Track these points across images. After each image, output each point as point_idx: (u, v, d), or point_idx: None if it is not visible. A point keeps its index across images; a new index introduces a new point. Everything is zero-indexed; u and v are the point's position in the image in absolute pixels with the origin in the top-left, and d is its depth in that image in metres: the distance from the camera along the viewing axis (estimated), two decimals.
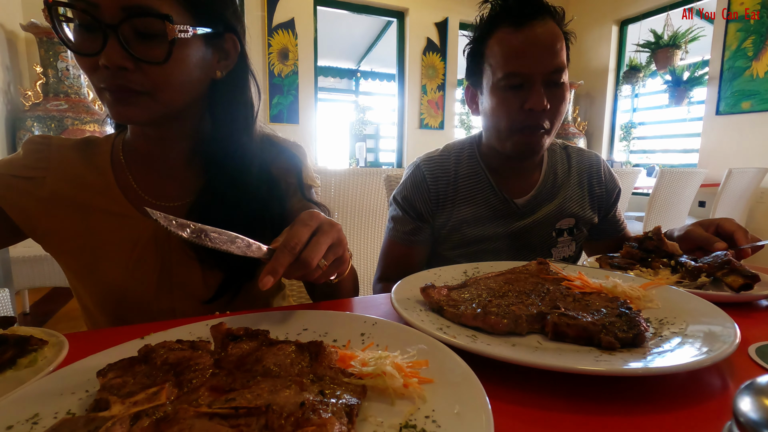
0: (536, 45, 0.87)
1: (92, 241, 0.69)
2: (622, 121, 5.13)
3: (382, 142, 5.75)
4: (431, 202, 1.01)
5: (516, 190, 1.02)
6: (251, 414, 0.30)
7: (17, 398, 0.36)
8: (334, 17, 4.98)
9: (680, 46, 4.12)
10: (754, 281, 0.65)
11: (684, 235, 0.88)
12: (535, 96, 0.87)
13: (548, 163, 1.06)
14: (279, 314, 0.55)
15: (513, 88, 0.89)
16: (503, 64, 0.89)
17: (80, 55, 0.59)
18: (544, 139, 0.93)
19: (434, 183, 1.01)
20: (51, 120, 2.92)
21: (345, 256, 0.58)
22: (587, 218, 1.06)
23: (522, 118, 0.90)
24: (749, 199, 3.36)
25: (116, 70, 0.58)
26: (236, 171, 0.72)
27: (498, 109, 0.93)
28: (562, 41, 0.89)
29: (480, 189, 1.01)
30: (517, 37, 0.87)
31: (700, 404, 0.39)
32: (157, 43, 0.58)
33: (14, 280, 1.96)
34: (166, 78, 0.61)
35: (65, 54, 3.03)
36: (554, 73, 0.88)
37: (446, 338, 0.46)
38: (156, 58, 0.59)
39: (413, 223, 1.02)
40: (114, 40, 0.56)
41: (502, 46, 0.90)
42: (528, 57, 0.87)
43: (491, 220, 1.00)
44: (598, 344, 0.47)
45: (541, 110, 0.88)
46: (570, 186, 1.06)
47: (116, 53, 0.57)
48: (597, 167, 1.09)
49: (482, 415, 0.32)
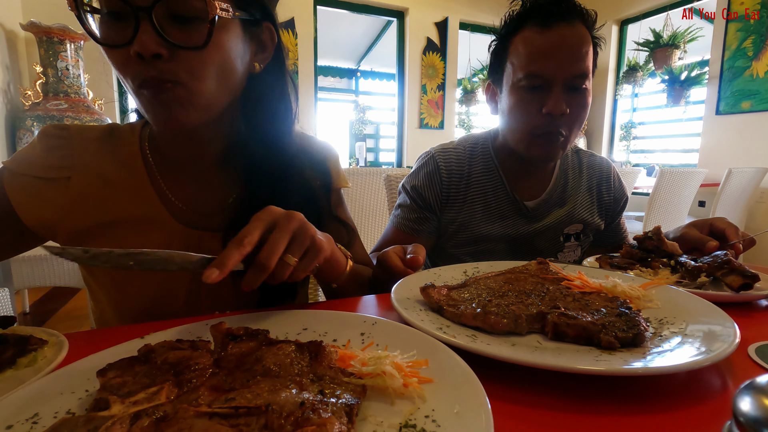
0: (561, 47, 0.85)
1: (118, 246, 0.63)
2: (622, 120, 5.13)
3: (382, 142, 5.75)
4: (442, 194, 1.00)
5: (527, 192, 1.01)
6: (251, 414, 0.30)
7: (17, 398, 0.36)
8: (334, 17, 4.98)
9: (679, 45, 4.12)
10: (753, 281, 0.65)
11: (679, 238, 0.88)
12: (554, 99, 0.85)
13: (560, 167, 1.05)
14: (279, 314, 0.55)
15: (533, 89, 0.87)
16: (525, 63, 0.87)
17: (109, 47, 0.53)
18: (560, 147, 0.91)
19: (448, 175, 1.00)
20: (51, 119, 2.92)
21: (318, 245, 0.53)
22: (595, 224, 1.06)
23: (540, 122, 0.88)
24: (749, 199, 3.36)
25: (150, 59, 0.52)
26: (277, 176, 0.67)
27: (515, 109, 0.91)
28: (588, 46, 0.87)
29: (492, 187, 1.00)
30: (543, 38, 0.86)
31: (699, 404, 0.39)
32: (194, 27, 0.53)
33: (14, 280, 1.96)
34: (204, 66, 0.55)
35: (65, 53, 3.03)
36: (576, 78, 0.86)
37: (446, 338, 0.46)
38: (194, 43, 0.53)
39: (420, 213, 1.01)
40: (147, 25, 0.51)
41: (526, 45, 0.88)
42: (551, 59, 0.85)
43: (500, 219, 1.00)
44: (598, 344, 0.47)
45: (559, 114, 0.86)
46: (580, 192, 1.05)
47: (151, 39, 0.51)
48: (607, 174, 1.09)
49: (482, 414, 0.32)
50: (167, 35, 0.52)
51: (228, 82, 0.59)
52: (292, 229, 0.49)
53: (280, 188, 0.67)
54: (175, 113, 0.56)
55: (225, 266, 0.44)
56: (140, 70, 0.53)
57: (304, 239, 0.51)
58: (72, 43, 3.06)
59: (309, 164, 0.74)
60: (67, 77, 3.06)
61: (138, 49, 0.51)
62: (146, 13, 0.51)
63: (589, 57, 0.87)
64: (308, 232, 0.51)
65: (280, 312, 0.55)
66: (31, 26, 2.92)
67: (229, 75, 0.59)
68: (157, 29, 0.51)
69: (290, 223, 0.49)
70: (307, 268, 0.53)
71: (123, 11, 0.52)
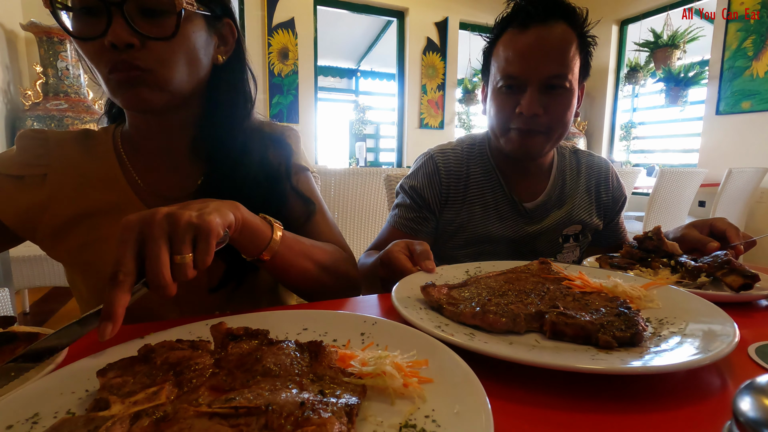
0: (536, 48, 0.85)
1: (95, 235, 0.68)
2: (622, 120, 5.13)
3: (382, 142, 5.75)
4: (442, 195, 1.00)
5: (525, 194, 1.01)
6: (251, 414, 0.30)
7: (17, 398, 0.36)
8: (334, 17, 4.98)
9: (679, 45, 4.12)
10: (753, 281, 0.65)
11: (679, 238, 0.88)
12: (527, 100, 0.86)
13: (557, 168, 1.05)
14: (279, 314, 0.55)
15: (509, 89, 0.89)
16: (503, 65, 0.89)
17: (84, 40, 0.58)
18: (541, 142, 0.91)
19: (447, 176, 1.00)
20: (51, 120, 2.92)
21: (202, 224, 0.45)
22: (593, 225, 1.06)
23: (513, 120, 0.90)
24: (749, 199, 3.36)
25: (123, 48, 0.57)
26: (238, 158, 0.72)
27: (494, 109, 0.94)
28: (570, 45, 0.86)
29: (490, 188, 1.00)
30: (520, 39, 0.87)
31: (699, 404, 0.39)
32: (162, 20, 0.59)
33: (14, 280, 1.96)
34: (172, 55, 0.61)
35: (65, 53, 3.03)
36: (553, 78, 0.86)
37: (443, 336, 0.46)
38: (163, 34, 0.59)
39: (420, 212, 1.01)
40: (119, 18, 0.56)
41: (505, 47, 0.89)
42: (525, 60, 0.86)
43: (499, 221, 1.00)
44: (596, 343, 0.47)
45: (531, 115, 0.87)
46: (579, 192, 1.05)
47: (123, 30, 0.56)
48: (606, 174, 1.09)
49: (482, 414, 0.32)
50: (138, 27, 0.57)
51: (192, 69, 0.65)
52: (161, 227, 0.43)
53: (240, 167, 0.72)
54: (144, 95, 0.61)
55: (116, 315, 0.39)
56: (111, 58, 0.58)
57: (181, 229, 0.44)
58: (72, 43, 3.06)
59: (271, 145, 0.79)
60: (67, 77, 3.06)
61: (112, 39, 0.56)
62: (119, 7, 0.56)
63: (569, 56, 0.86)
64: (181, 219, 0.44)
65: (280, 312, 0.55)
66: (31, 26, 2.92)
67: (193, 63, 0.65)
68: (128, 22, 0.57)
69: (154, 225, 0.43)
70: (208, 251, 0.45)
71: (95, 6, 0.57)
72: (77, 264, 0.70)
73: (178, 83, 0.63)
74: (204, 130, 0.73)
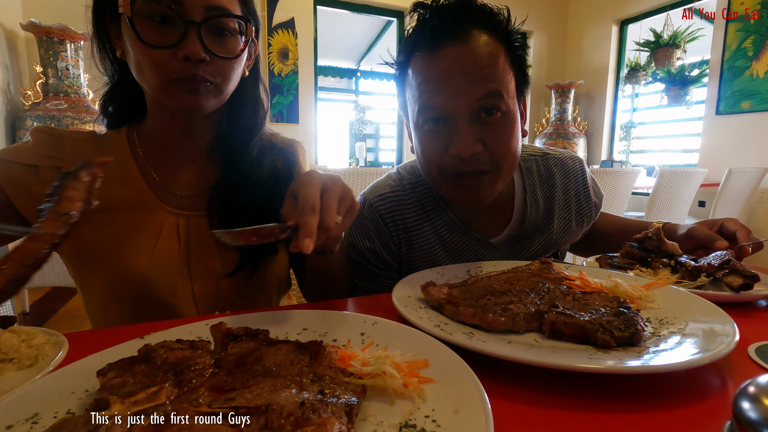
0: (455, 72, 0.68)
1: (113, 231, 0.69)
2: (622, 120, 5.13)
3: (382, 142, 5.75)
4: (395, 248, 0.85)
5: (487, 228, 0.86)
6: (251, 414, 0.30)
7: (17, 398, 0.36)
8: (334, 17, 4.98)
9: (679, 45, 4.12)
10: (753, 281, 0.65)
11: (688, 233, 0.86)
12: (460, 138, 0.69)
13: (523, 190, 0.88)
14: (279, 314, 0.55)
15: (434, 123, 0.72)
16: (418, 95, 0.72)
17: (156, 47, 0.62)
18: (488, 183, 0.73)
19: (394, 227, 0.83)
20: (51, 119, 2.92)
21: (355, 204, 0.59)
22: (573, 239, 0.99)
23: (450, 163, 0.72)
24: (749, 199, 3.36)
25: (196, 62, 0.63)
26: (253, 162, 0.77)
27: (419, 150, 0.77)
28: (497, 58, 0.69)
29: (447, 229, 0.85)
30: (433, 63, 0.69)
31: (700, 403, 0.39)
32: (229, 40, 0.66)
33: None
34: (231, 71, 0.68)
35: (65, 53, 3.03)
36: (484, 100, 0.68)
37: (442, 335, 0.46)
38: (230, 54, 0.66)
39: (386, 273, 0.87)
40: (195, 35, 0.62)
41: (415, 74, 0.72)
42: (445, 88, 0.69)
43: (468, 259, 0.85)
44: (595, 343, 0.47)
45: (470, 155, 0.69)
46: (557, 212, 0.90)
47: (198, 47, 0.62)
48: (583, 179, 0.94)
49: (482, 414, 0.32)
50: (208, 45, 0.63)
51: (237, 81, 0.72)
52: (338, 191, 0.55)
53: (254, 172, 0.76)
54: (201, 101, 0.67)
55: (313, 233, 0.49)
56: (179, 68, 0.63)
57: (347, 200, 0.57)
58: (72, 43, 3.06)
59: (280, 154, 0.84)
60: (67, 77, 3.06)
61: (188, 53, 0.62)
62: (197, 26, 0.62)
63: (499, 71, 0.69)
64: (350, 193, 0.58)
65: (280, 312, 0.55)
66: (31, 26, 2.92)
67: (239, 76, 0.72)
68: (201, 39, 0.62)
69: (336, 186, 0.55)
70: (347, 225, 0.59)
71: (170, 18, 0.62)
72: (92, 259, 0.70)
73: (228, 93, 0.70)
74: (222, 137, 0.77)
